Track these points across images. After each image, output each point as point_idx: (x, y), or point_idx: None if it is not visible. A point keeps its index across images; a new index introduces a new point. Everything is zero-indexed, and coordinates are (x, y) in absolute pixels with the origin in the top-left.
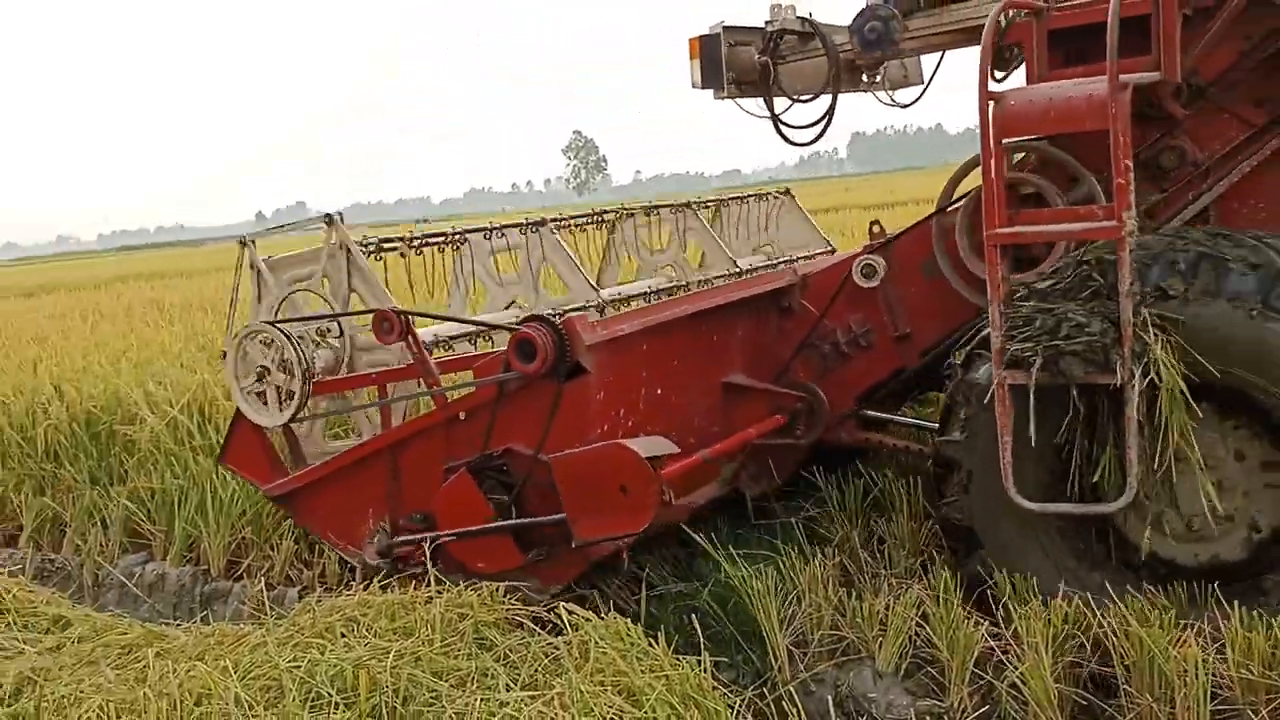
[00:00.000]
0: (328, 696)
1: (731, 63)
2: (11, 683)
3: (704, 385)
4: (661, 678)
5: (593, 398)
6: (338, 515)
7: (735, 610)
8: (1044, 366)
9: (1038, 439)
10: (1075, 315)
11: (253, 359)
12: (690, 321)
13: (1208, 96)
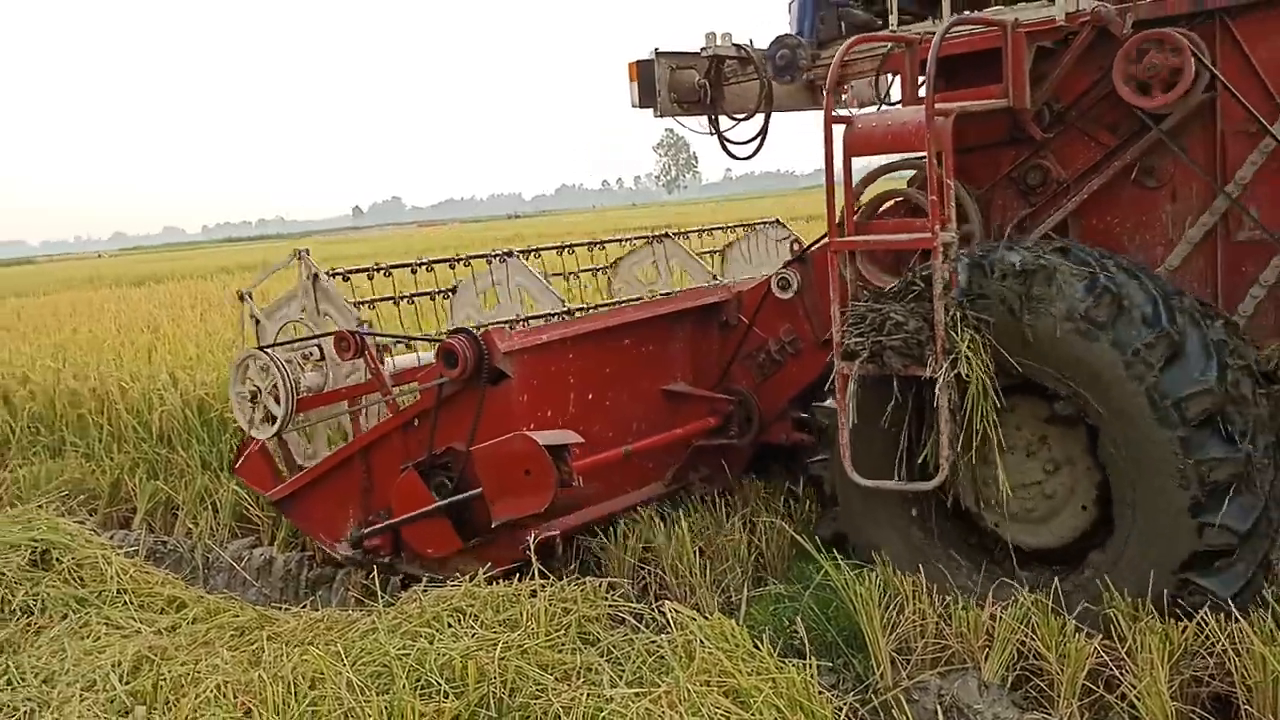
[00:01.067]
0: (437, 685)
1: (674, 85)
2: (130, 661)
3: (643, 391)
4: (768, 680)
5: (516, 400)
6: (324, 515)
7: (836, 614)
8: (870, 359)
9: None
10: (897, 315)
11: (248, 380)
12: (623, 332)
13: (1067, 121)
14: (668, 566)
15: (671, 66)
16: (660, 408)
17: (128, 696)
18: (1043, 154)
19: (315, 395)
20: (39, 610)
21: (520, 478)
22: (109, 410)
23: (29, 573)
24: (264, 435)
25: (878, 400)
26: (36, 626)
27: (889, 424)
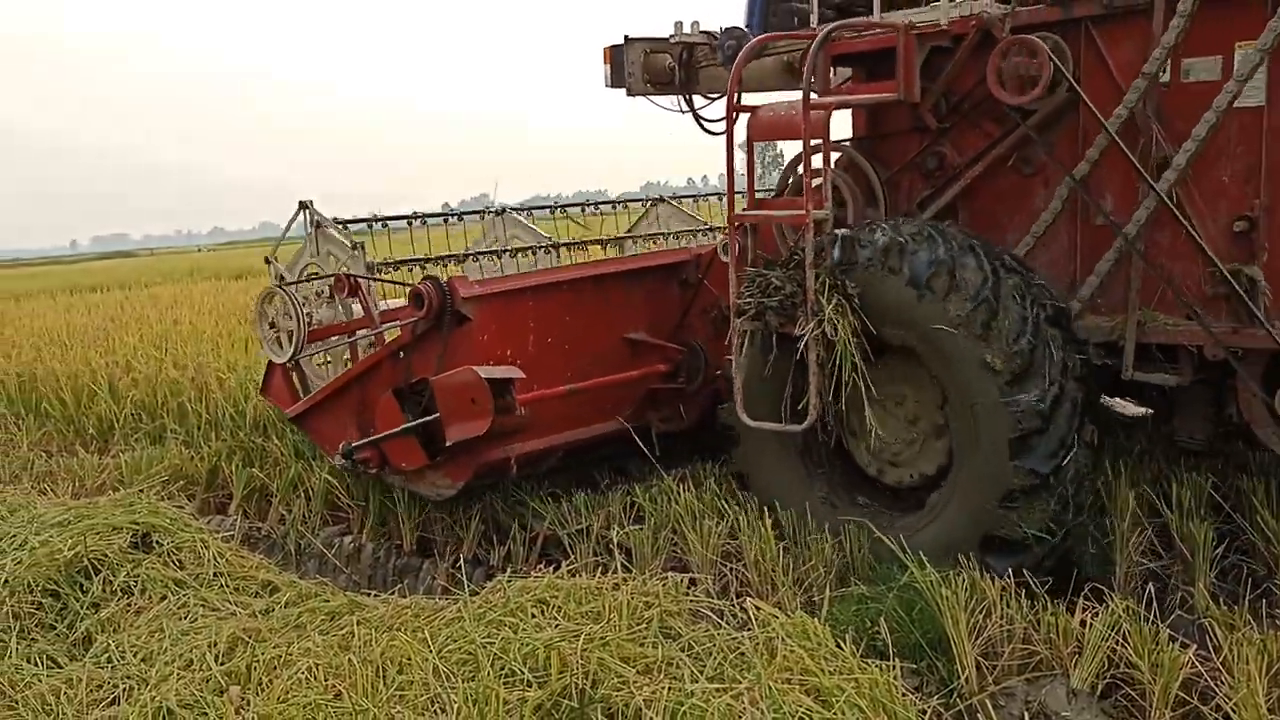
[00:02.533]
0: (520, 674)
1: (648, 67)
2: (225, 642)
3: (603, 338)
4: (850, 680)
5: (477, 339)
6: (330, 430)
7: (920, 616)
8: (754, 317)
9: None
10: (778, 280)
11: (268, 314)
12: (586, 284)
13: (960, 112)
14: (750, 564)
15: (645, 50)
16: (620, 353)
17: (223, 676)
18: (941, 141)
19: (324, 327)
20: (139, 591)
21: (467, 405)
22: (207, 399)
23: (130, 554)
24: (280, 360)
25: (768, 354)
26: (136, 607)
27: (772, 375)
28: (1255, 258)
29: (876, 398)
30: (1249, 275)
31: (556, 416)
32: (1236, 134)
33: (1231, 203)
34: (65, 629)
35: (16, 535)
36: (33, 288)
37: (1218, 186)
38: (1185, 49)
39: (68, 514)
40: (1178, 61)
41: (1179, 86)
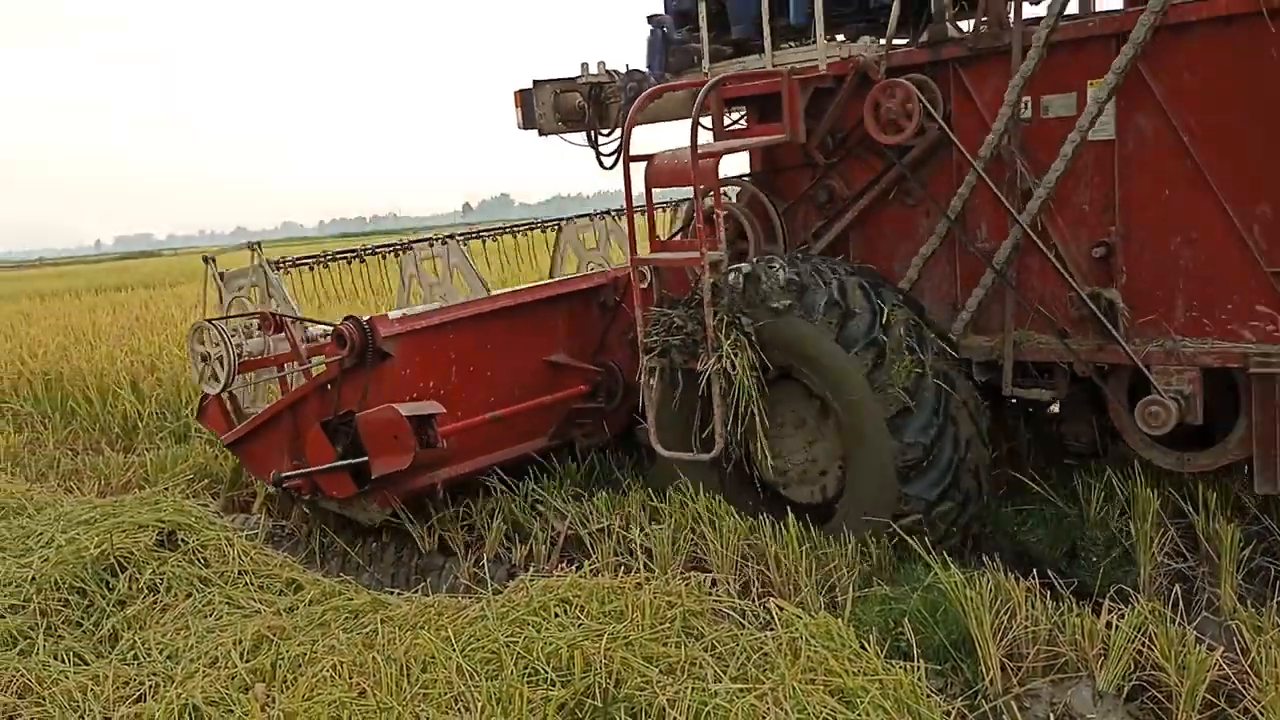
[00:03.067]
0: (544, 673)
1: (559, 105)
2: (250, 640)
3: (526, 362)
4: (874, 681)
5: (399, 374)
6: (263, 457)
7: (945, 617)
8: (660, 354)
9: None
10: (680, 319)
11: (199, 347)
12: (503, 314)
13: (847, 147)
14: (772, 564)
15: (555, 91)
16: (543, 376)
17: (248, 674)
18: (830, 176)
19: (254, 360)
20: (165, 589)
21: (390, 440)
22: None
23: (156, 552)
24: (212, 391)
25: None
26: (162, 604)
27: (680, 406)
28: (1114, 281)
29: (779, 422)
30: (1108, 297)
31: (482, 441)
32: (1092, 165)
33: (1091, 230)
34: (92, 626)
35: (44, 533)
36: (58, 287)
37: (1078, 215)
38: (1043, 87)
39: (94, 512)
40: (1038, 98)
41: (1040, 122)
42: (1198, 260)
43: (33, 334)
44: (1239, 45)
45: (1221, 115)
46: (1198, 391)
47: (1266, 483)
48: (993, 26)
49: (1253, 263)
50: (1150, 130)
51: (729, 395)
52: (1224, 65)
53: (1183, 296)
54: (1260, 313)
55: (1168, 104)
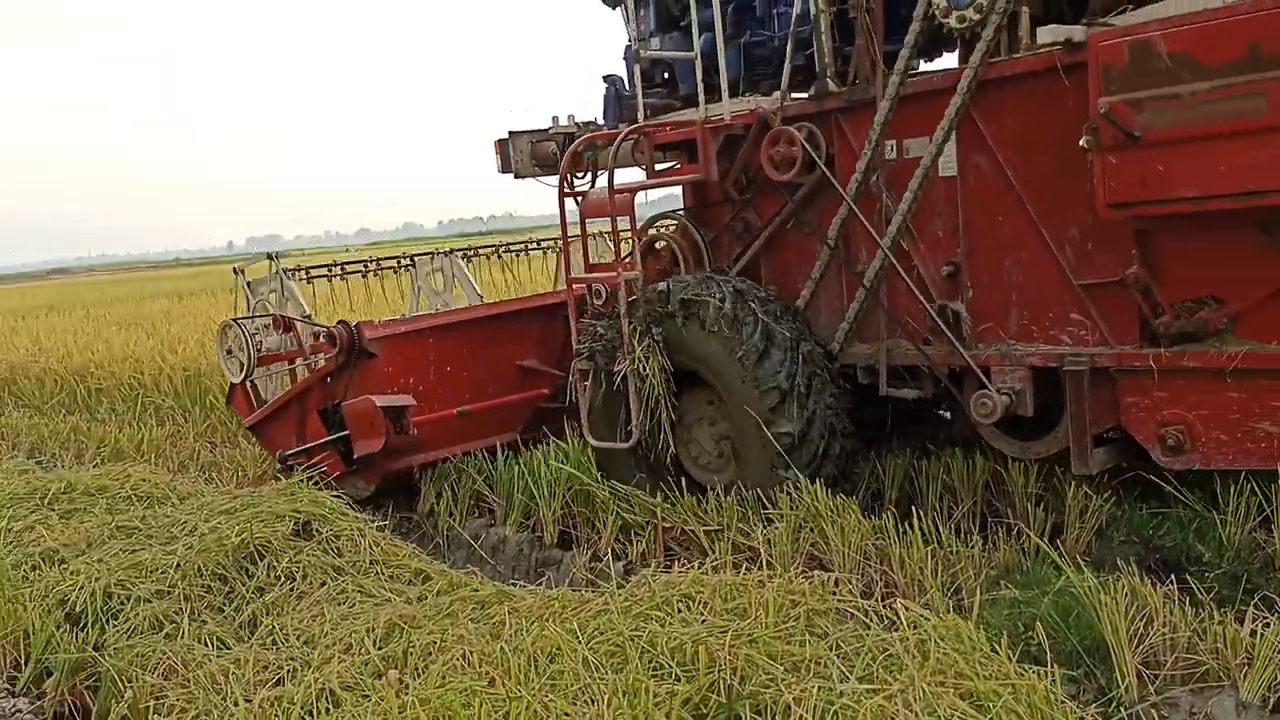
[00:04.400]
0: (668, 668)
1: (535, 153)
2: (382, 627)
3: (499, 365)
4: (1007, 685)
5: (382, 371)
6: (277, 437)
7: (1077, 622)
8: (587, 358)
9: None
10: (602, 329)
11: (225, 342)
12: (478, 323)
13: (757, 184)
14: (896, 564)
15: (531, 140)
16: (514, 378)
17: (380, 660)
18: (745, 209)
19: (271, 354)
20: (300, 577)
21: (367, 426)
22: None
23: (292, 542)
24: (236, 380)
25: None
26: (298, 592)
27: (607, 403)
28: (960, 295)
29: (695, 418)
30: (954, 309)
31: (456, 431)
32: (942, 198)
33: (943, 252)
34: (233, 612)
35: (187, 522)
36: (195, 287)
37: (933, 239)
38: (906, 131)
39: (234, 502)
40: (901, 141)
41: (903, 162)
42: (1025, 277)
43: (173, 331)
44: (1044, 96)
45: (1034, 154)
46: (1028, 388)
47: (1080, 465)
48: (862, 82)
49: (1066, 278)
50: (984, 167)
51: (642, 392)
52: (1034, 112)
53: (1015, 307)
54: (1074, 319)
55: (995, 145)
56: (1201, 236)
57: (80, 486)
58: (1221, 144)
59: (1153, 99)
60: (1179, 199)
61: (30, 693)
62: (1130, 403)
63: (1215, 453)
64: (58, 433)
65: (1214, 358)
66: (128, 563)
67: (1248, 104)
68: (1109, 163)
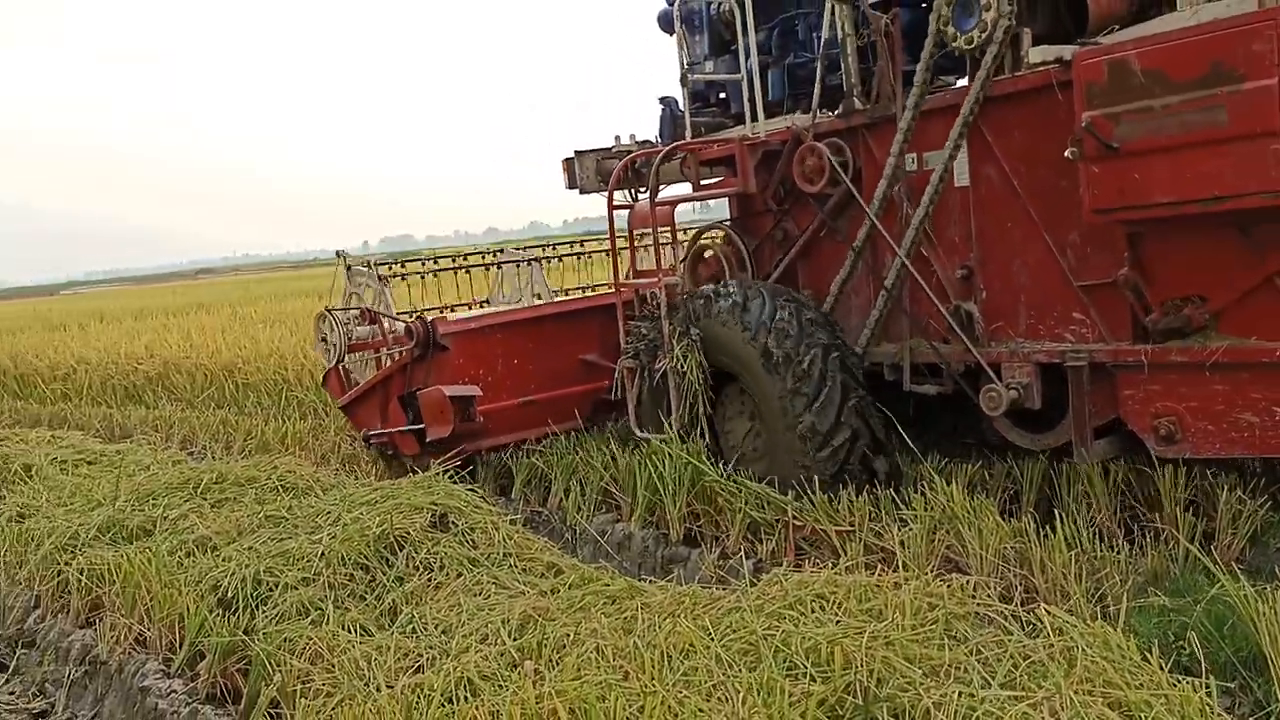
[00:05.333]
0: (802, 668)
1: (600, 169)
2: (517, 619)
3: (563, 359)
4: (1159, 696)
5: (454, 363)
6: (365, 418)
7: (1232, 632)
8: (633, 357)
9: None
10: (646, 330)
11: (321, 330)
12: (544, 319)
13: (794, 196)
14: (1037, 568)
15: (597, 159)
16: (576, 371)
17: (516, 651)
18: (785, 219)
19: (361, 342)
20: (438, 567)
21: (438, 413)
22: None
23: (430, 533)
24: (330, 364)
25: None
26: (436, 582)
27: (651, 398)
28: (973, 296)
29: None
30: (968, 310)
31: (523, 419)
32: (957, 206)
33: (958, 256)
34: (374, 600)
35: (331, 512)
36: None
37: (950, 244)
38: (924, 145)
39: (374, 494)
40: (921, 155)
41: (923, 173)
42: (1031, 279)
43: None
44: (1043, 110)
45: (1037, 164)
46: (1034, 382)
47: (1081, 454)
48: (884, 100)
49: (1067, 279)
50: (994, 177)
51: (681, 388)
52: (1035, 126)
53: (1023, 308)
54: (1075, 318)
55: (1003, 157)
56: (1185, 239)
57: (230, 477)
58: (1189, 153)
59: (1129, 112)
60: (1154, 204)
61: (185, 674)
62: (1127, 395)
63: (1204, 442)
64: (208, 425)
65: (1199, 352)
66: (276, 551)
67: (1210, 116)
68: (1092, 172)
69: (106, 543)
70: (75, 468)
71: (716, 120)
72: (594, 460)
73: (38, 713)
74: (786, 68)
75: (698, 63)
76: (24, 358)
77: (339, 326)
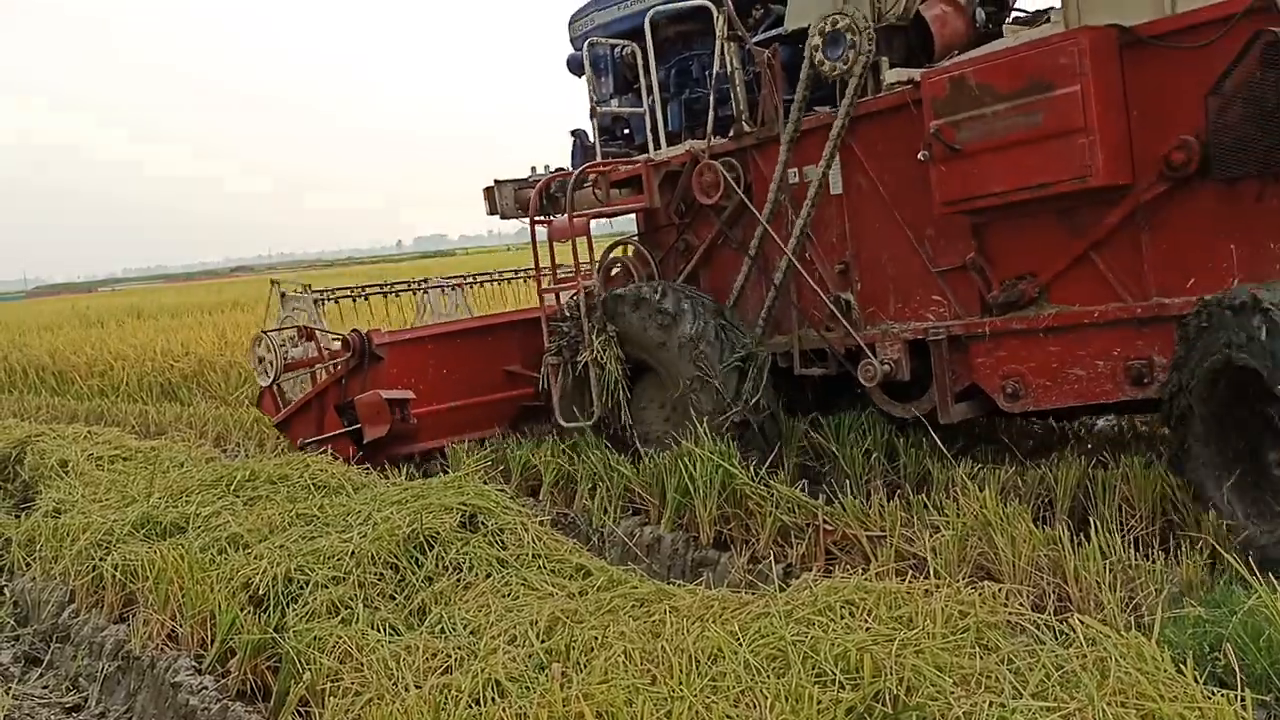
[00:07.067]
0: (831, 675)
1: (518, 199)
2: (545, 621)
3: (489, 369)
4: (1193, 709)
5: (388, 372)
6: (300, 431)
7: (1269, 644)
8: (556, 353)
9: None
10: (567, 328)
11: (257, 351)
12: (469, 334)
13: (694, 210)
14: (1070, 577)
15: (516, 187)
16: (501, 380)
17: (544, 653)
18: (686, 231)
19: (295, 361)
20: (467, 568)
21: (375, 416)
22: None
23: (459, 533)
24: (264, 384)
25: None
26: (465, 582)
27: (573, 390)
28: (850, 288)
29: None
30: (846, 300)
31: (452, 423)
32: (833, 211)
33: (837, 253)
34: (403, 600)
35: (361, 511)
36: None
37: (829, 244)
38: (803, 160)
39: (404, 493)
40: (801, 169)
41: (802, 185)
42: (897, 269)
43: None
44: (901, 125)
45: (898, 171)
46: (904, 358)
47: (944, 417)
48: (768, 123)
49: (927, 267)
50: (863, 185)
51: (601, 379)
52: (895, 138)
53: (892, 294)
54: (934, 300)
55: (869, 167)
56: (1016, 224)
57: (263, 475)
58: (1015, 150)
59: (967, 119)
60: (990, 194)
61: (215, 671)
62: (979, 362)
63: (1043, 396)
64: (241, 423)
65: (1034, 320)
66: (307, 549)
67: (1031, 119)
68: (940, 171)
69: (140, 539)
70: (111, 464)
71: (623, 151)
72: (621, 463)
73: (70, 707)
74: (683, 101)
75: (604, 100)
76: (62, 354)
77: (275, 347)
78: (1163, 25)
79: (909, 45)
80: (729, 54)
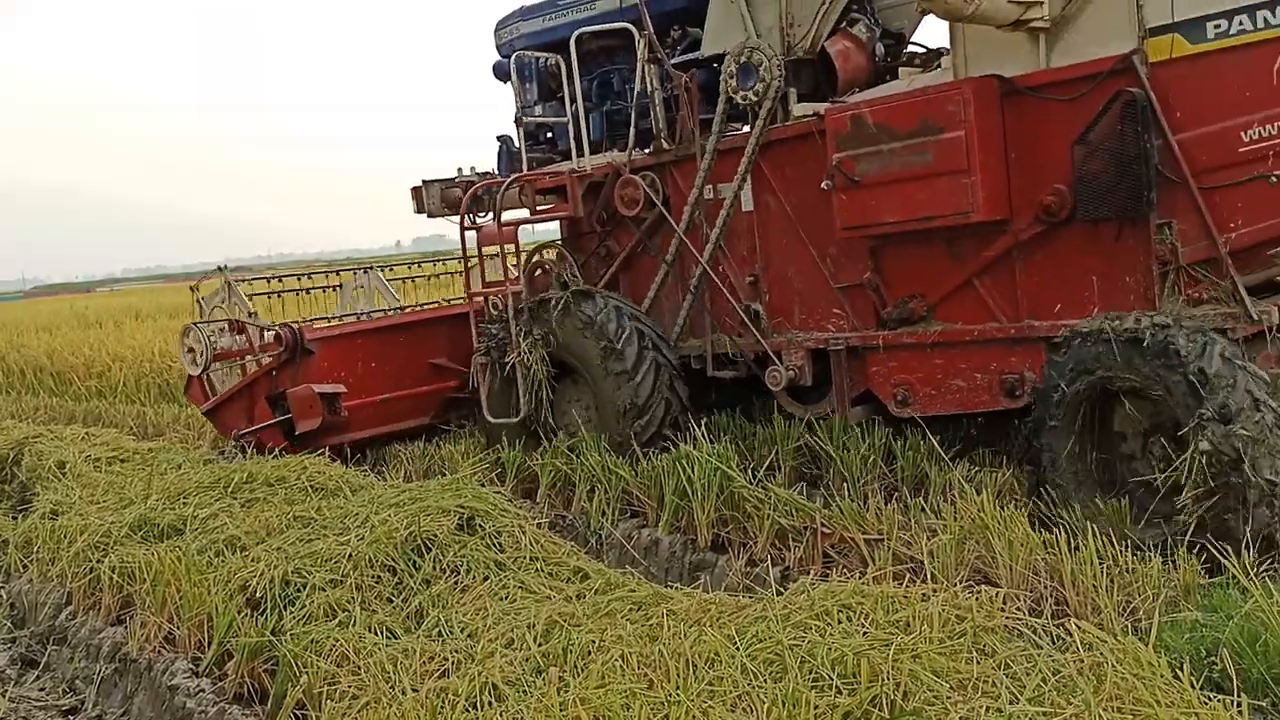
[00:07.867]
0: (828, 679)
1: (445, 198)
2: (542, 624)
3: (416, 362)
4: (1189, 714)
5: (319, 366)
6: (230, 421)
7: (1265, 649)
8: (485, 354)
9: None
10: (495, 329)
11: (186, 341)
12: (398, 329)
13: (615, 219)
14: (1068, 581)
15: (442, 188)
16: (428, 373)
17: (540, 657)
18: (608, 238)
19: (224, 351)
20: (464, 570)
21: (306, 408)
22: None
23: (457, 536)
24: (194, 373)
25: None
26: (462, 585)
27: (502, 388)
28: (760, 298)
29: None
30: (755, 309)
31: (382, 415)
32: (745, 226)
33: (748, 266)
34: (401, 603)
35: (359, 513)
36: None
37: (740, 257)
38: (718, 178)
39: (402, 496)
40: (716, 186)
41: (716, 201)
42: (803, 283)
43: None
44: (807, 152)
45: (804, 193)
46: (807, 364)
47: (843, 419)
48: (685, 141)
49: (828, 283)
50: (772, 204)
51: (527, 378)
52: (802, 164)
53: (797, 306)
54: (835, 313)
55: (778, 188)
56: (909, 250)
57: (260, 477)
58: (907, 185)
59: (866, 154)
60: (885, 223)
61: (213, 674)
62: (874, 371)
63: (929, 403)
64: None
65: (921, 336)
66: (304, 551)
67: (921, 157)
68: (841, 199)
69: (138, 541)
70: (108, 465)
71: (546, 155)
72: (619, 466)
73: (67, 709)
74: (605, 113)
75: (529, 107)
76: (60, 355)
77: (205, 338)
78: (1039, 78)
79: (815, 78)
80: (649, 75)
